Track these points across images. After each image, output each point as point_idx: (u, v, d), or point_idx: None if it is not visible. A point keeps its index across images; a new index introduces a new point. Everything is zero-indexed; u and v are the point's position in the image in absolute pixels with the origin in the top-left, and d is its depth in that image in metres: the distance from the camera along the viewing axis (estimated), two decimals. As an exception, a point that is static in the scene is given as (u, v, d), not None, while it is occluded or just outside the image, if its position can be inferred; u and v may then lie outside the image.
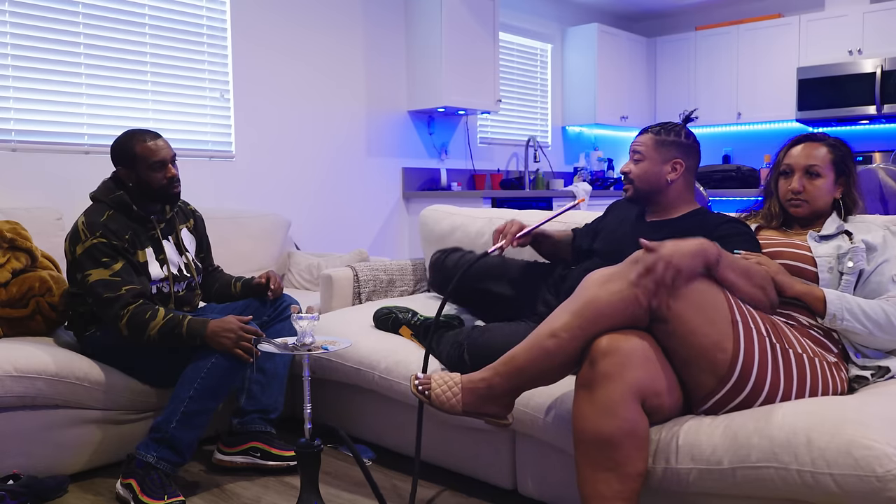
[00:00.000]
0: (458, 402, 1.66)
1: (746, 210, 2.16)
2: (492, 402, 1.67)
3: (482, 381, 1.66)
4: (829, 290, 1.73)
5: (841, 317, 1.68)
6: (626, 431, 1.49)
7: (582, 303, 1.58)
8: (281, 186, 4.08)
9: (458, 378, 1.68)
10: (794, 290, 1.73)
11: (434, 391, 1.67)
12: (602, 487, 1.50)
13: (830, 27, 5.58)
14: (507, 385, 1.64)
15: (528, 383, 1.66)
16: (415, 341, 2.32)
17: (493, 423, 1.70)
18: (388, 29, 4.65)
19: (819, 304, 1.70)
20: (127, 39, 3.42)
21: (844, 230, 1.85)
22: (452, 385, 1.67)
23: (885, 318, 1.68)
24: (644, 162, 2.08)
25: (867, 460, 1.33)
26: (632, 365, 1.50)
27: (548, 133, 6.04)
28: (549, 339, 1.59)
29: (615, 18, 6.66)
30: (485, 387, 1.65)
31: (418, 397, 1.69)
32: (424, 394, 1.68)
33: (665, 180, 2.08)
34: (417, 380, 1.70)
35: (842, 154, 1.93)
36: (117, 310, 2.11)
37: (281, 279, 3.23)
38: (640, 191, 2.10)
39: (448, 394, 1.66)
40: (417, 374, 1.71)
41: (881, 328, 1.69)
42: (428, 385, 1.68)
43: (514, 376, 1.63)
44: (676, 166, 2.07)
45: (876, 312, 1.69)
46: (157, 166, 2.25)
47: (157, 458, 2.03)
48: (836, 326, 1.70)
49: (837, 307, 1.68)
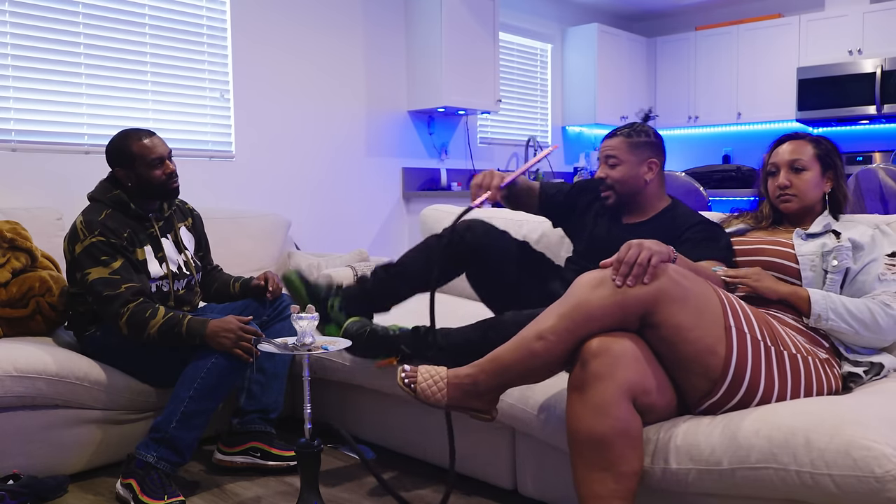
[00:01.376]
0: (442, 396, 1.67)
1: (740, 210, 2.17)
2: (476, 398, 1.68)
3: (468, 377, 1.67)
4: (814, 290, 1.74)
5: (826, 317, 1.69)
6: (618, 431, 1.50)
7: (571, 306, 1.58)
8: (281, 186, 4.08)
9: (445, 372, 1.69)
10: (778, 294, 1.75)
11: (420, 384, 1.68)
12: (598, 487, 1.50)
13: (830, 27, 5.58)
14: (491, 382, 1.66)
15: (513, 381, 1.67)
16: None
17: (477, 416, 1.72)
18: (388, 29, 4.66)
19: (804, 304, 1.72)
20: (127, 39, 3.42)
21: (832, 229, 1.86)
22: (438, 379, 1.68)
23: (870, 316, 1.69)
24: (621, 166, 2.11)
25: (866, 461, 1.33)
26: (622, 365, 1.51)
27: (548, 133, 6.05)
28: (537, 340, 1.59)
29: (615, 18, 6.66)
30: (470, 383, 1.67)
31: (404, 390, 1.69)
32: (410, 387, 1.69)
33: (643, 181, 2.11)
34: (404, 373, 1.71)
35: (826, 149, 1.95)
36: (117, 308, 2.11)
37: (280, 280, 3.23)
38: (621, 195, 2.13)
39: (434, 388, 1.67)
40: (405, 367, 1.72)
41: (867, 327, 1.70)
42: (414, 378, 1.69)
43: (498, 374, 1.64)
44: (652, 166, 2.11)
45: (861, 311, 1.69)
46: (155, 163, 2.25)
47: (157, 457, 2.03)
48: (821, 326, 1.71)
49: (822, 307, 1.69)
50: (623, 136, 2.12)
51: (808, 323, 1.72)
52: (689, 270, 1.61)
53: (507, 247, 2.24)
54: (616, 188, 2.12)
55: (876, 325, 1.69)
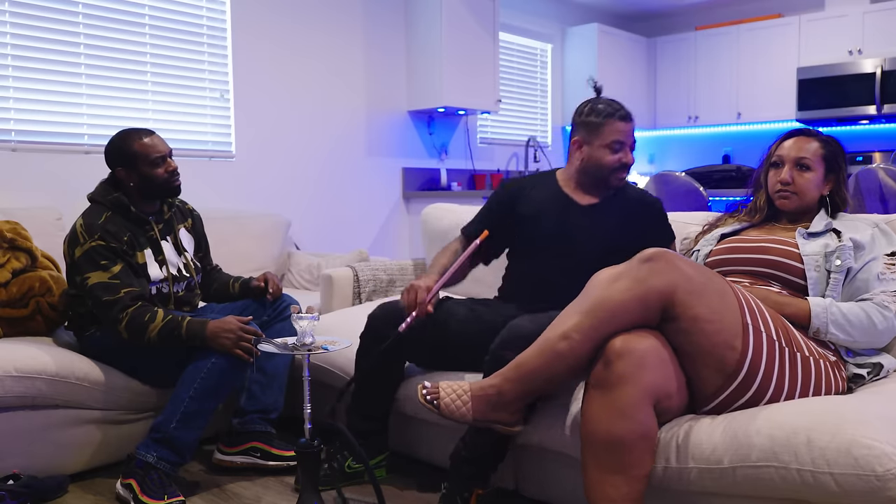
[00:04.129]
0: (468, 410, 1.63)
1: (734, 208, 2.15)
2: (502, 409, 1.65)
3: (492, 387, 1.64)
4: (814, 300, 1.72)
5: (825, 330, 1.69)
6: (639, 434, 1.48)
7: (592, 302, 1.55)
8: (281, 186, 4.08)
9: (468, 386, 1.66)
10: (783, 313, 1.72)
11: (443, 400, 1.64)
12: (610, 490, 1.48)
13: (830, 27, 5.58)
14: (517, 391, 1.63)
15: (539, 388, 1.64)
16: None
17: (503, 430, 1.69)
18: (388, 29, 4.66)
19: (805, 318, 1.70)
20: (127, 39, 3.42)
21: (832, 228, 1.85)
22: (462, 393, 1.64)
23: (868, 321, 1.69)
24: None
25: (867, 459, 1.33)
26: (647, 367, 1.48)
27: (548, 133, 6.05)
28: (561, 341, 1.57)
29: (615, 18, 6.65)
30: (494, 393, 1.63)
31: (426, 407, 1.65)
32: (433, 403, 1.65)
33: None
34: (425, 389, 1.66)
35: (833, 150, 1.92)
36: (116, 312, 2.10)
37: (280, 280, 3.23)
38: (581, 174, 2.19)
39: (458, 402, 1.64)
40: (425, 383, 1.68)
41: (865, 333, 1.69)
42: (436, 394, 1.65)
43: (524, 381, 1.61)
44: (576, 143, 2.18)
45: (860, 318, 1.69)
46: (157, 161, 2.25)
47: (157, 458, 2.03)
48: (820, 338, 1.70)
49: (822, 321, 1.69)
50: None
51: (808, 334, 1.71)
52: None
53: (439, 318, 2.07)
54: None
55: (873, 329, 1.69)
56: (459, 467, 1.88)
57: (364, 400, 2.16)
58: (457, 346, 2.08)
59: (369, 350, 2.12)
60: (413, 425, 2.29)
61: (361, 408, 2.16)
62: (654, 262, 1.54)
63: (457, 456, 1.89)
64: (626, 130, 2.11)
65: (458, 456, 1.88)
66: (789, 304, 1.73)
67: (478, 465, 1.88)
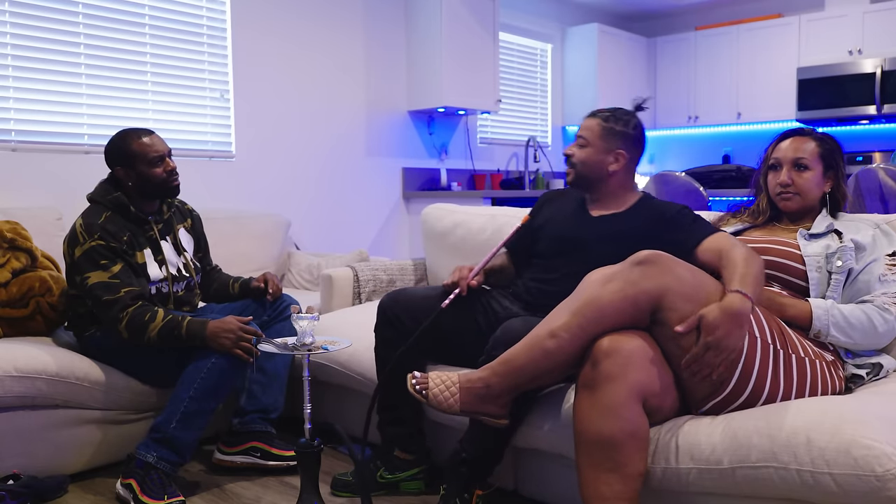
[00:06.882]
0: (455, 401, 1.65)
1: (736, 208, 2.16)
2: (489, 402, 1.66)
3: (480, 380, 1.65)
4: (816, 302, 1.72)
5: (826, 333, 1.69)
6: (628, 432, 1.49)
7: (582, 302, 1.57)
8: (281, 186, 4.08)
9: (456, 377, 1.67)
10: (785, 315, 1.72)
11: (431, 391, 1.66)
12: (604, 488, 1.49)
13: (830, 27, 5.58)
14: (504, 385, 1.64)
15: (527, 383, 1.65)
16: None
17: (490, 422, 1.70)
18: (388, 29, 4.66)
19: (806, 320, 1.71)
20: (127, 39, 3.42)
21: (834, 229, 1.85)
22: (450, 385, 1.66)
23: (868, 323, 1.69)
24: (588, 148, 2.04)
25: (866, 460, 1.33)
26: (634, 365, 1.50)
27: (548, 133, 6.05)
28: (549, 339, 1.58)
29: (615, 18, 6.65)
30: (482, 386, 1.65)
31: (415, 396, 1.67)
32: (422, 393, 1.67)
33: (606, 170, 2.03)
34: (414, 378, 1.68)
35: (829, 148, 1.93)
36: (116, 312, 2.11)
37: (280, 280, 3.23)
38: (580, 176, 2.05)
39: (446, 393, 1.65)
40: (414, 373, 1.69)
41: (866, 335, 1.70)
42: (425, 384, 1.67)
43: (512, 376, 1.63)
44: (619, 157, 2.02)
45: (860, 320, 1.69)
46: (156, 161, 2.25)
47: (157, 458, 2.03)
48: (820, 339, 1.71)
49: (823, 323, 1.69)
50: (600, 119, 2.05)
51: (809, 335, 1.71)
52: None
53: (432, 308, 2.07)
54: (577, 168, 2.05)
55: (874, 331, 1.69)
56: (457, 469, 1.88)
57: (390, 402, 2.12)
58: (462, 345, 2.09)
59: (388, 339, 2.10)
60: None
61: (389, 411, 2.13)
62: (647, 265, 1.55)
63: (455, 457, 1.89)
64: (583, 125, 2.09)
65: (456, 457, 1.89)
66: (791, 305, 1.73)
67: (476, 467, 1.88)
